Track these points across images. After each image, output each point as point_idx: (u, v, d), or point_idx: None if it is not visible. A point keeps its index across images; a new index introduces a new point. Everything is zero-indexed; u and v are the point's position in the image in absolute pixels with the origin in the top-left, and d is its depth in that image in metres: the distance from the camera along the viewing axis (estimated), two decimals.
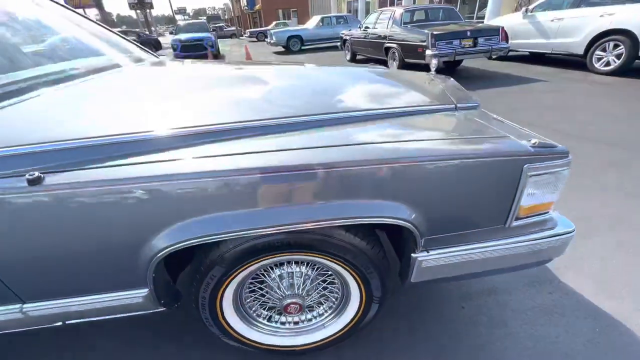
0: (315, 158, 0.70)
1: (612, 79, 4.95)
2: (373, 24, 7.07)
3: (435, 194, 0.76)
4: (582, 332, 1.15)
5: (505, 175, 0.76)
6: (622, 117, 3.34)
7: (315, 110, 0.89)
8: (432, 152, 0.73)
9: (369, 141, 0.77)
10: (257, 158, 0.70)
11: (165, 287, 0.86)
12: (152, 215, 0.68)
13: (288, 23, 22.39)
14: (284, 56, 10.94)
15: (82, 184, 0.63)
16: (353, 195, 0.73)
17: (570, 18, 5.64)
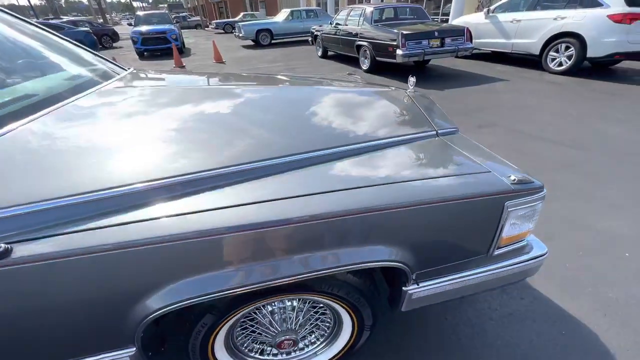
0: (301, 209, 0.69)
1: (564, 79, 5.35)
2: (344, 21, 7.06)
3: (424, 234, 0.79)
4: (551, 336, 1.26)
5: (488, 212, 0.80)
6: (576, 117, 3.63)
7: (292, 148, 0.87)
8: (420, 197, 0.75)
9: (354, 185, 0.77)
10: (243, 213, 0.68)
11: (152, 339, 0.82)
12: (140, 279, 0.64)
13: (256, 15, 21.72)
14: (254, 50, 10.63)
15: (59, 254, 0.58)
16: (344, 244, 0.73)
17: (528, 20, 5.99)
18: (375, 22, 6.11)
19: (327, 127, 1.05)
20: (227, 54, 9.85)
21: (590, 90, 4.69)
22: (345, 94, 1.44)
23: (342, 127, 1.06)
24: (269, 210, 0.68)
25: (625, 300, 1.40)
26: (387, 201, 0.72)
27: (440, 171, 0.84)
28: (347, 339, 1.02)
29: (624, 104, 4.03)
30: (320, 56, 8.57)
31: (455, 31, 5.62)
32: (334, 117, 1.14)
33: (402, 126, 1.13)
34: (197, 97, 1.23)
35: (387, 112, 1.27)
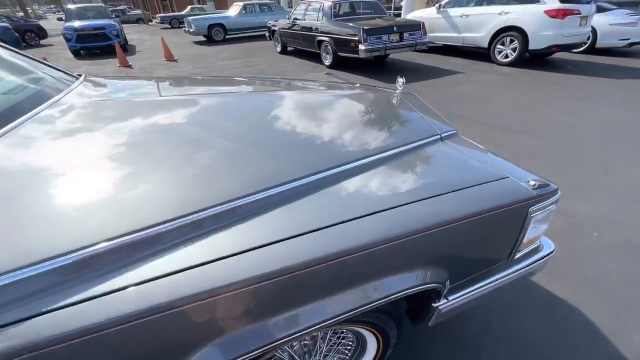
0: (324, 247, 0.60)
1: (511, 70, 5.79)
2: (302, 15, 6.92)
3: (455, 250, 0.76)
4: (549, 321, 1.33)
5: (513, 219, 0.80)
6: (527, 106, 3.94)
7: (292, 172, 0.76)
8: (450, 215, 0.71)
9: (376, 208, 0.70)
10: (256, 259, 0.57)
11: None
12: (158, 349, 0.52)
13: (205, 8, 20.58)
14: (208, 47, 10.05)
15: (56, 338, 0.44)
16: (380, 275, 0.67)
17: (476, 15, 6.37)
18: (334, 16, 6.07)
19: (324, 141, 0.96)
20: (179, 51, 9.19)
21: (534, 80, 5.12)
22: (335, 99, 1.37)
23: (341, 140, 0.97)
24: (294, 251, 0.59)
25: (602, 277, 1.52)
26: (418, 224, 0.67)
27: (459, 181, 0.82)
28: (371, 359, 0.97)
29: (564, 92, 4.46)
30: (280, 52, 8.35)
31: (412, 26, 5.79)
32: (329, 128, 1.05)
33: (404, 133, 1.09)
34: (181, 114, 1.07)
35: (384, 118, 1.22)
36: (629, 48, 7.17)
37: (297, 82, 1.81)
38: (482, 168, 0.89)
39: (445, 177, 0.85)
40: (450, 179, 0.84)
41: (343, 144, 0.94)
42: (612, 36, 6.68)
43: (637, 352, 1.21)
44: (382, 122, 1.18)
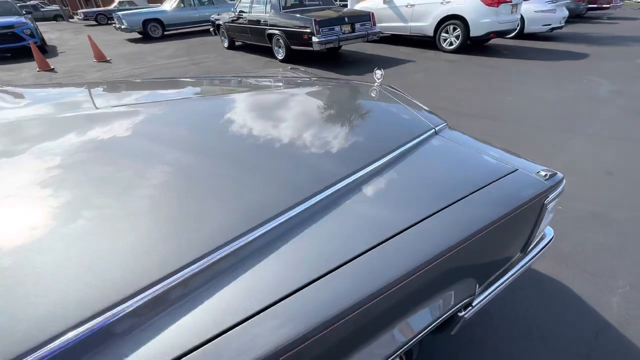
0: (361, 288, 0.50)
1: (456, 57, 6.11)
2: (248, 8, 6.58)
3: (481, 258, 0.71)
4: (540, 299, 1.39)
5: (530, 213, 0.77)
6: (476, 90, 4.18)
7: (281, 200, 0.62)
8: (480, 222, 0.64)
9: (398, 229, 0.60)
10: (288, 318, 0.45)
11: None
12: None
13: (136, 2, 18.74)
14: (145, 44, 9.16)
15: None
16: (423, 302, 0.59)
17: (420, 4, 6.59)
18: (284, 9, 5.86)
19: (312, 152, 0.82)
20: (111, 50, 8.25)
21: (478, 65, 5.47)
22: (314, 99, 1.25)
23: (329, 148, 0.84)
24: (312, 304, 0.48)
25: (576, 249, 1.63)
26: (445, 241, 0.59)
27: (472, 181, 0.76)
28: None
29: (505, 75, 4.82)
30: (227, 47, 7.89)
31: (363, 16, 5.81)
32: (313, 135, 0.91)
33: (397, 131, 1.02)
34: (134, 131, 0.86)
35: (372, 116, 1.14)
36: (550, 33, 8.01)
37: (264, 80, 1.65)
38: (488, 162, 0.85)
39: (456, 178, 0.79)
40: (462, 179, 0.78)
41: (333, 154, 0.82)
42: (537, 22, 7.39)
43: (617, 314, 1.31)
44: (370, 121, 1.10)
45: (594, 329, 1.26)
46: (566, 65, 5.29)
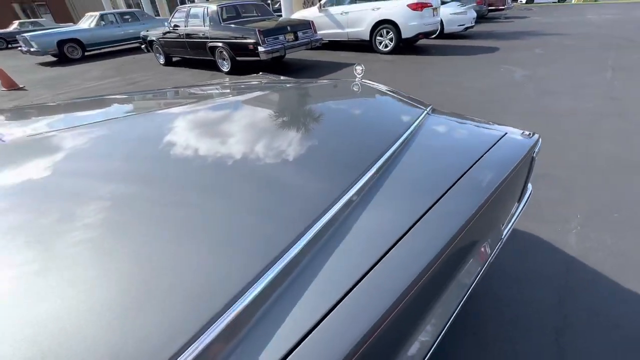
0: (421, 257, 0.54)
1: (393, 57, 6.64)
2: (184, 22, 6.35)
3: (500, 208, 0.83)
4: (515, 248, 1.61)
5: (524, 168, 0.92)
6: (417, 85, 4.60)
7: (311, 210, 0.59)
8: (495, 180, 0.75)
9: (433, 200, 0.66)
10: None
11: None
12: None
13: (41, 22, 16.69)
14: (64, 67, 8.21)
15: None
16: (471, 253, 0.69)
17: (354, 12, 7.04)
18: (223, 21, 5.78)
19: (338, 146, 0.86)
20: (22, 76, 7.24)
21: (413, 63, 6.02)
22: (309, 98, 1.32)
23: (346, 143, 0.88)
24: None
25: (532, 205, 1.92)
26: (479, 200, 0.69)
27: (478, 149, 0.88)
28: None
29: (438, 70, 5.39)
30: (164, 64, 7.48)
31: (304, 25, 6.01)
32: (326, 129, 0.97)
33: (396, 118, 1.12)
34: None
35: (367, 108, 1.24)
36: (464, 32, 9.14)
37: (241, 86, 1.65)
38: (481, 131, 1.00)
39: (461, 149, 0.91)
40: (466, 149, 0.90)
41: (350, 147, 0.86)
42: (453, 23, 8.38)
43: (577, 249, 1.58)
44: (368, 113, 1.19)
45: (564, 265, 1.51)
46: (484, 57, 6.11)
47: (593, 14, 13.26)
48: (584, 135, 2.75)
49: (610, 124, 2.95)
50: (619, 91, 3.80)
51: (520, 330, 1.24)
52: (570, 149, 2.54)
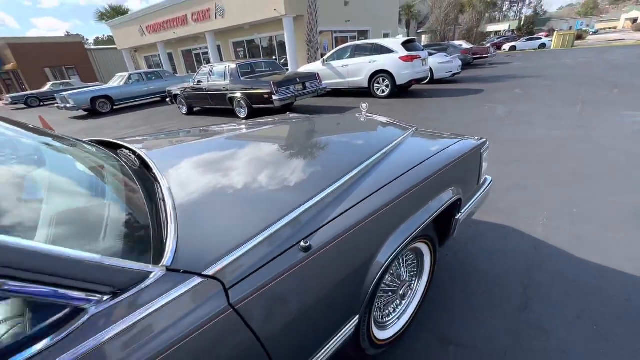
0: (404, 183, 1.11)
1: (389, 101, 7.50)
2: (207, 78, 7.37)
3: (459, 177, 1.34)
4: (496, 236, 2.05)
5: (476, 158, 1.44)
6: (411, 121, 5.27)
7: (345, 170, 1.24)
8: (456, 155, 1.30)
9: (421, 160, 1.23)
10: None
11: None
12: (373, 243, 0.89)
13: (72, 82, 18.60)
14: (96, 120, 9.22)
15: (330, 240, 0.78)
16: (437, 194, 1.19)
17: (353, 64, 8.10)
18: (243, 76, 6.75)
19: (354, 142, 1.49)
20: (61, 128, 8.18)
21: (407, 104, 6.83)
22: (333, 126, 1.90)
23: (358, 142, 1.53)
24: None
25: (509, 206, 2.39)
26: (447, 161, 1.23)
27: (446, 145, 1.42)
28: (430, 261, 1.43)
29: (430, 109, 6.15)
30: (186, 113, 8.44)
31: (310, 76, 6.96)
32: (349, 140, 1.57)
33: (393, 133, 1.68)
34: None
35: (372, 128, 1.81)
36: (452, 77, 10.22)
37: (279, 120, 2.25)
38: (450, 137, 1.54)
39: (435, 145, 1.45)
40: (439, 146, 1.44)
41: (360, 144, 1.48)
42: (442, 70, 9.47)
43: (542, 234, 2.02)
44: (372, 131, 1.76)
45: (532, 243, 1.95)
46: (470, 98, 6.93)
47: (569, 58, 14.66)
48: (552, 155, 3.29)
49: (574, 146, 3.50)
50: (585, 120, 4.43)
51: (498, 285, 1.65)
52: (540, 165, 3.06)
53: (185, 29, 15.95)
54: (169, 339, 0.52)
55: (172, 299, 0.56)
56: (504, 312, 1.49)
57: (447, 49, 12.35)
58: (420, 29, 32.75)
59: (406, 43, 7.62)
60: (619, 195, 2.42)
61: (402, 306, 1.38)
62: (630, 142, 3.47)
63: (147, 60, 21.44)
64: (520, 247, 1.94)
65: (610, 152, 3.25)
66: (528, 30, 43.73)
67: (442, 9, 27.11)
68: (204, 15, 14.69)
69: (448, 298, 1.60)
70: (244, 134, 1.70)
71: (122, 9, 22.27)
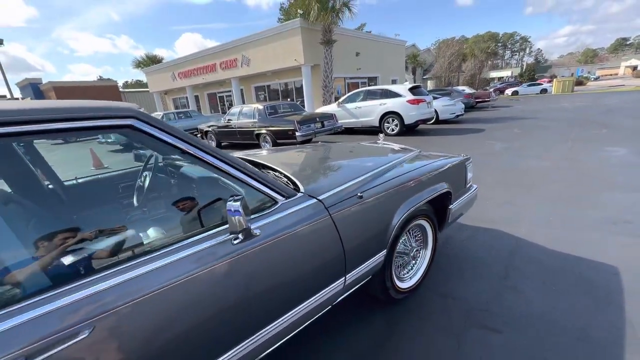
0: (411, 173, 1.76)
1: (398, 138, 8.30)
2: (236, 117, 8.42)
3: (450, 178, 1.97)
4: (491, 237, 2.60)
5: (463, 167, 2.09)
6: None
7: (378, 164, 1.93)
8: (449, 163, 1.95)
9: (425, 170, 1.89)
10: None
11: None
12: (395, 205, 1.53)
13: None
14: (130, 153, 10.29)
15: (371, 196, 1.42)
16: (431, 185, 1.83)
17: (365, 106, 9.10)
18: (269, 115, 7.76)
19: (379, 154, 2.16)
20: (107, 158, 9.18)
21: (414, 141, 7.60)
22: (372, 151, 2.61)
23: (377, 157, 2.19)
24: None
25: (501, 217, 2.95)
26: (439, 167, 1.88)
27: (442, 158, 2.08)
28: (432, 237, 2.00)
29: (433, 145, 6.87)
30: None
31: (328, 116, 7.92)
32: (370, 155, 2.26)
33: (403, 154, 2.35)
34: None
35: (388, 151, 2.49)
36: (456, 119, 11.13)
37: (333, 144, 2.97)
38: (444, 155, 2.19)
39: (435, 158, 2.10)
40: (437, 158, 2.10)
41: (376, 158, 2.14)
42: (446, 112, 10.41)
43: (525, 234, 2.56)
44: (392, 150, 2.44)
45: (515, 241, 2.49)
46: (472, 136, 7.68)
47: (567, 102, 15.61)
48: (540, 181, 3.87)
49: (560, 174, 4.09)
50: (573, 154, 5.05)
51: (485, 264, 2.18)
52: (529, 188, 3.65)
53: (213, 75, 17.85)
54: (301, 219, 1.18)
55: (305, 205, 1.23)
56: (488, 280, 2.02)
57: (451, 93, 13.47)
58: (426, 75, 35.10)
59: (412, 89, 8.64)
60: (589, 210, 2.96)
61: (414, 268, 1.95)
62: (606, 170, 4.05)
63: (175, 101, 23.54)
64: (505, 242, 2.48)
65: (587, 177, 3.83)
66: (530, 76, 46.08)
67: (445, 57, 29.36)
68: (231, 64, 16.56)
69: (447, 272, 2.14)
70: (318, 146, 2.42)
71: (157, 58, 25.00)
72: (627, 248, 2.26)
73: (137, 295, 0.82)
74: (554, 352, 1.47)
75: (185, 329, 0.90)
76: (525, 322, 1.65)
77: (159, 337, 0.86)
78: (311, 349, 1.60)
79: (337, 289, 1.33)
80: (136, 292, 0.83)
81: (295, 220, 1.16)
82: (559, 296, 1.83)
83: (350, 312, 1.82)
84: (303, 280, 1.19)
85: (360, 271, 1.42)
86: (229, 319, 1.00)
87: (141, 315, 0.83)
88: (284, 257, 1.13)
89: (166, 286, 0.87)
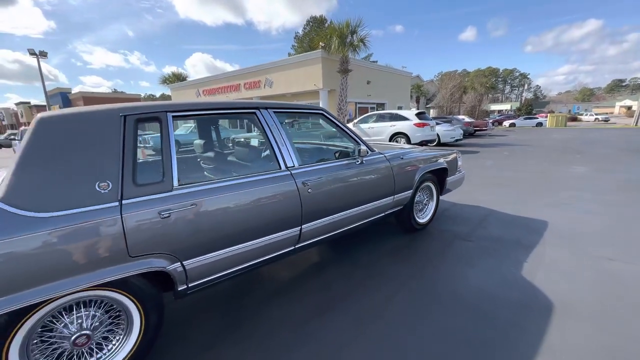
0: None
1: None
2: None
3: (447, 161, 3.33)
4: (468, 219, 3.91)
5: (455, 157, 3.44)
6: None
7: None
8: (446, 151, 3.30)
9: (421, 155, 3.24)
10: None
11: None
12: None
13: None
14: None
15: (395, 165, 2.77)
16: (432, 161, 3.18)
17: (377, 127, 10.62)
18: None
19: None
20: None
21: None
22: None
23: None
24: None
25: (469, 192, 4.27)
26: (439, 154, 3.24)
27: (442, 149, 3.43)
28: (436, 195, 3.31)
29: None
30: None
31: None
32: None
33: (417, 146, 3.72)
34: None
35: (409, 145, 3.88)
36: (455, 142, 12.64)
37: None
38: (444, 149, 3.56)
39: (437, 149, 3.46)
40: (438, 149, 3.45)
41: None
42: (447, 136, 11.92)
43: (496, 208, 3.87)
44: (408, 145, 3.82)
45: (489, 211, 3.79)
46: (468, 155, 9.09)
47: (557, 134, 17.21)
48: (515, 184, 5.22)
49: (531, 181, 5.45)
50: (544, 169, 6.43)
51: (468, 220, 3.48)
52: (506, 187, 4.98)
53: (237, 94, 19.69)
54: (378, 161, 2.56)
55: (379, 156, 2.64)
56: (469, 225, 3.33)
57: (451, 121, 15.10)
58: (429, 104, 37.33)
59: (418, 114, 10.18)
60: (544, 199, 4.28)
61: (425, 212, 3.26)
62: (565, 180, 5.40)
63: None
64: (483, 211, 3.80)
65: (549, 183, 5.18)
66: (527, 110, 48.51)
67: (447, 89, 31.56)
68: (255, 85, 18.41)
69: (445, 222, 3.44)
70: None
71: (182, 76, 27.16)
72: (556, 215, 3.57)
73: (326, 176, 2.17)
74: (502, 247, 2.76)
75: (332, 198, 2.23)
76: (487, 239, 2.95)
77: (328, 200, 2.19)
78: (368, 239, 2.90)
79: (389, 202, 2.64)
80: (328, 175, 2.17)
81: (376, 159, 2.52)
82: (509, 230, 3.13)
83: (394, 236, 3.11)
84: (379, 189, 2.52)
85: (400, 196, 2.73)
86: (348, 194, 2.32)
87: (326, 185, 2.16)
88: (373, 175, 2.47)
89: (333, 175, 2.21)
